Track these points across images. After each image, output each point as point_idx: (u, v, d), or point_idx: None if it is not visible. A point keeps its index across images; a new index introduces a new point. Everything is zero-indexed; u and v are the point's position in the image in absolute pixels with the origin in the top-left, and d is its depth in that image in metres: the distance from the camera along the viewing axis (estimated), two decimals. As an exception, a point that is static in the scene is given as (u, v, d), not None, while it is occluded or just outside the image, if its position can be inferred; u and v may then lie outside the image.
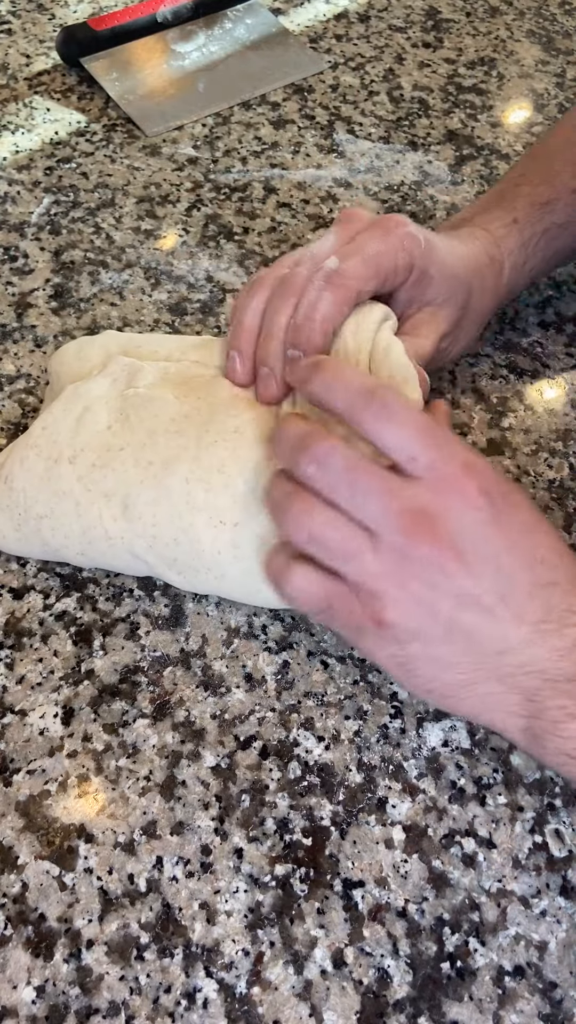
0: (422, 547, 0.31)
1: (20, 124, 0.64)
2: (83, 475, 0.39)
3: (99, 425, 0.40)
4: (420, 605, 0.32)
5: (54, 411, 0.41)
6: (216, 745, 0.38)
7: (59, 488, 0.39)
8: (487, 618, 0.32)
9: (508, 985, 0.33)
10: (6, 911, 0.33)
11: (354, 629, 0.34)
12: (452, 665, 0.33)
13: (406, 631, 0.32)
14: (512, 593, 0.32)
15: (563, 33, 0.77)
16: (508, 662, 0.32)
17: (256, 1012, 0.32)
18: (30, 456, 0.40)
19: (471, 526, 0.32)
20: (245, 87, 0.68)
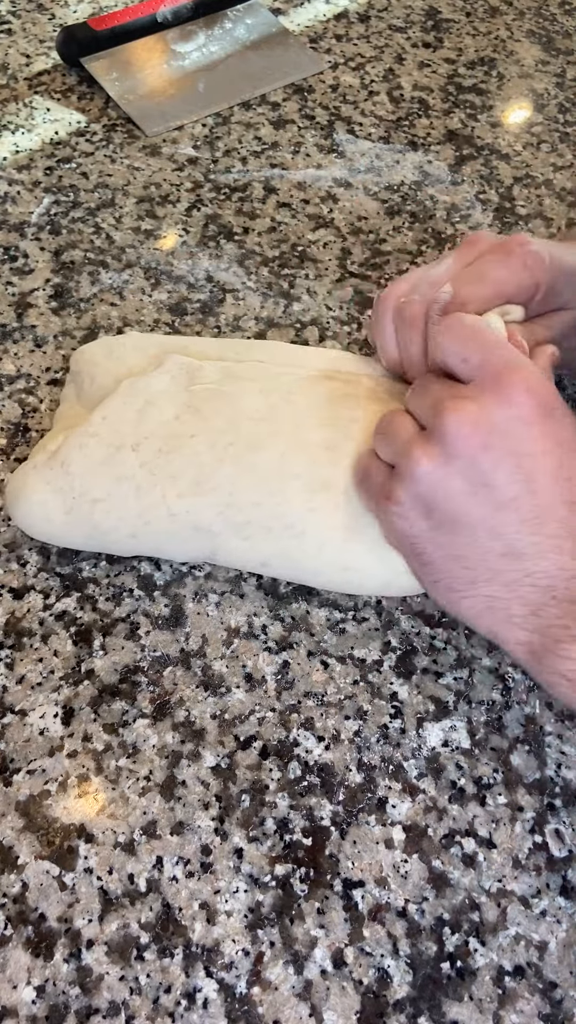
0: (447, 421, 0.32)
1: (20, 124, 0.64)
2: (147, 461, 0.40)
3: (165, 416, 0.41)
4: (432, 480, 0.33)
5: (113, 404, 0.41)
6: (216, 745, 0.38)
7: (120, 473, 0.40)
8: (495, 512, 0.32)
9: (508, 985, 0.33)
10: (6, 911, 0.33)
11: (376, 500, 0.36)
12: (457, 558, 0.33)
13: (415, 507, 0.34)
14: (528, 497, 0.32)
15: (563, 33, 0.77)
16: (514, 567, 0.32)
17: (256, 1012, 0.32)
18: (90, 443, 0.40)
19: (504, 418, 0.32)
20: (245, 87, 0.68)
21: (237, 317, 0.53)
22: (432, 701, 0.39)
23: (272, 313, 0.53)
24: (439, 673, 0.40)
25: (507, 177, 0.64)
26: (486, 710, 0.39)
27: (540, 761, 0.38)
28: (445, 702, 0.39)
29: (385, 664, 0.40)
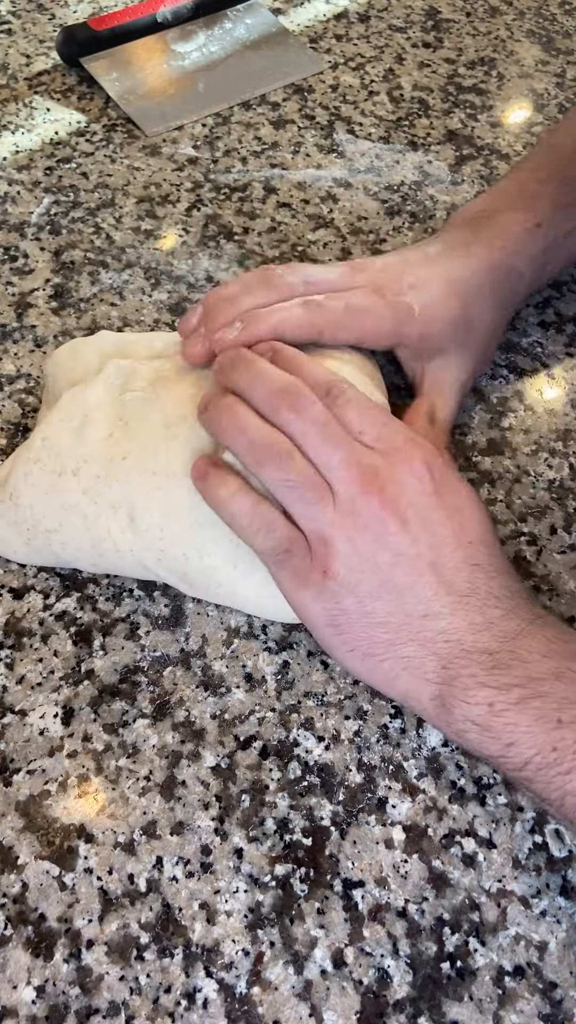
0: (372, 503, 0.35)
1: (20, 124, 0.64)
2: (88, 487, 0.39)
3: (100, 433, 0.39)
4: (363, 559, 0.35)
5: (52, 421, 0.40)
6: (216, 745, 0.38)
7: (65, 501, 0.39)
8: (418, 579, 0.34)
9: (508, 985, 0.33)
10: (6, 911, 0.33)
11: (301, 579, 0.36)
12: (380, 624, 0.35)
13: (346, 583, 0.35)
14: (443, 562, 0.35)
15: (563, 33, 0.77)
16: (430, 627, 0.34)
17: (256, 1012, 0.32)
18: (34, 471, 0.40)
19: (413, 494, 0.35)
20: (245, 87, 0.68)
21: (237, 317, 0.53)
22: (432, 701, 0.39)
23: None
24: (439, 673, 0.40)
25: (507, 177, 0.64)
26: (486, 710, 0.39)
27: (540, 761, 0.38)
28: (445, 702, 0.39)
29: (385, 664, 0.40)
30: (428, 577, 0.34)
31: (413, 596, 0.35)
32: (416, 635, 0.34)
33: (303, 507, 0.35)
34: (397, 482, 0.35)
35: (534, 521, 0.46)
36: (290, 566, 0.36)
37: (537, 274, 0.48)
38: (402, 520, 0.35)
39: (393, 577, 0.35)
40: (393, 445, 0.36)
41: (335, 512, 0.35)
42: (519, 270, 0.46)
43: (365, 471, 0.35)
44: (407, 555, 0.35)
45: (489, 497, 0.46)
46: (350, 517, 0.35)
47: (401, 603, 0.35)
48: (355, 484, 0.35)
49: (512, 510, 0.46)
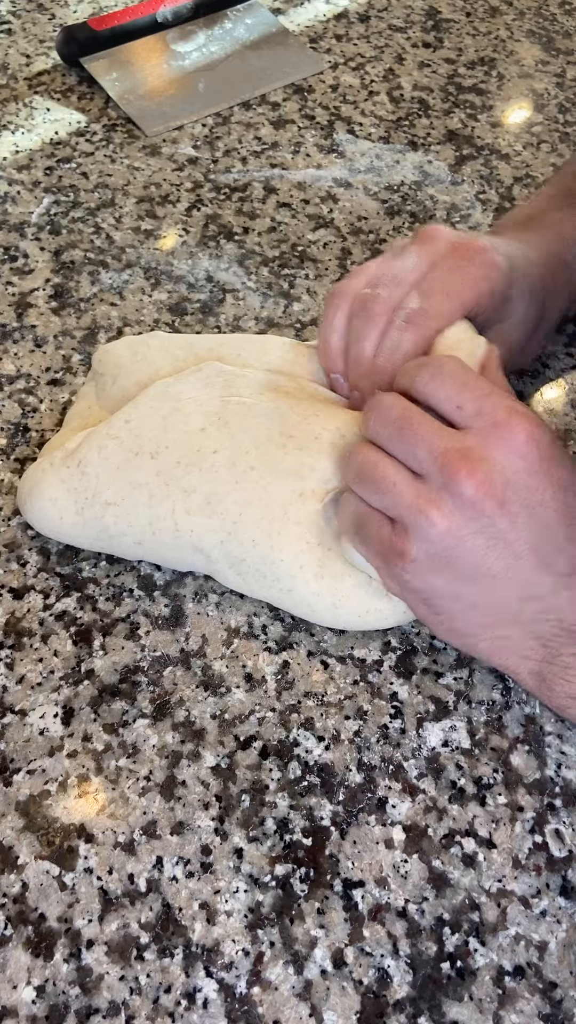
0: (464, 483, 0.32)
1: (20, 124, 0.64)
2: (163, 470, 0.39)
3: (190, 426, 0.40)
4: (450, 541, 0.33)
5: (139, 406, 0.41)
6: (216, 745, 0.38)
7: (135, 479, 0.39)
8: (516, 564, 0.33)
9: (508, 985, 0.33)
10: (6, 911, 0.33)
11: (383, 556, 0.35)
12: (474, 606, 0.34)
13: (429, 566, 0.33)
14: (544, 544, 0.33)
15: (563, 33, 0.77)
16: (529, 608, 0.34)
17: (256, 1012, 0.32)
18: (109, 446, 0.40)
19: (513, 472, 0.33)
20: (245, 87, 0.68)
21: (237, 317, 0.53)
22: (432, 701, 0.39)
23: (272, 313, 0.53)
24: (439, 673, 0.40)
25: (507, 177, 0.63)
26: (486, 710, 0.39)
27: (540, 761, 0.38)
28: (445, 702, 0.39)
29: (385, 664, 0.40)
30: (527, 560, 0.33)
31: (510, 580, 0.33)
32: (515, 617, 0.34)
33: (378, 497, 0.35)
34: (493, 461, 0.32)
35: (534, 521, 0.46)
36: (369, 539, 0.35)
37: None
38: (500, 502, 0.32)
39: (487, 562, 0.33)
40: (494, 420, 0.33)
41: (416, 495, 0.33)
42: (570, 264, 0.46)
43: (452, 453, 0.33)
44: (505, 539, 0.33)
45: (489, 497, 0.46)
46: (437, 501, 0.33)
47: (497, 587, 0.33)
48: (443, 468, 0.33)
49: (512, 510, 0.46)
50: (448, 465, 0.33)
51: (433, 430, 0.34)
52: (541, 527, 0.33)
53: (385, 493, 0.34)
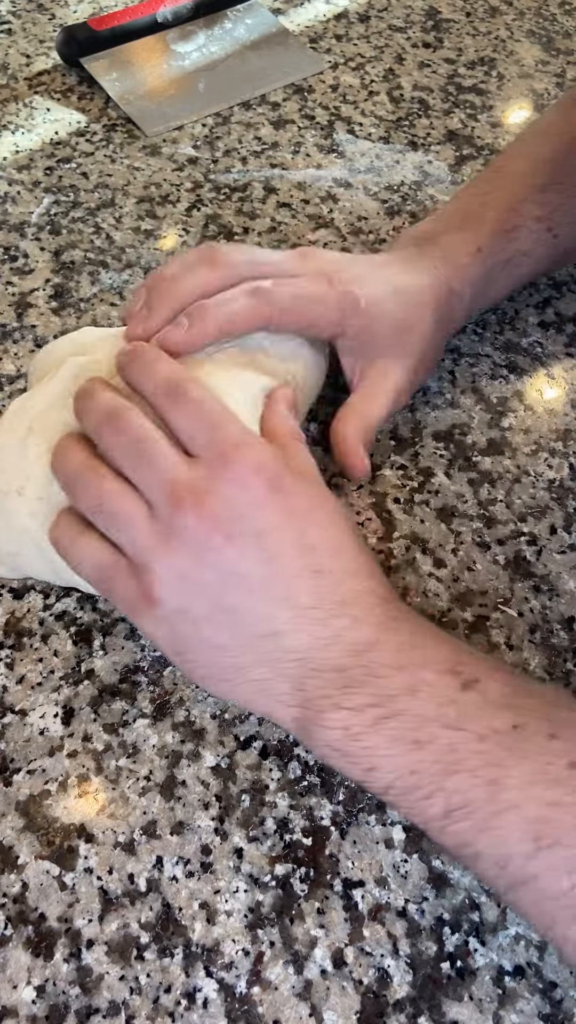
0: (188, 519, 0.32)
1: (20, 124, 0.64)
2: (35, 511, 0.36)
3: (41, 448, 0.36)
4: (185, 580, 0.32)
5: (1, 432, 0.38)
6: (216, 745, 0.38)
7: (16, 525, 0.37)
8: (252, 597, 0.32)
9: (508, 985, 0.33)
10: (6, 911, 0.33)
11: (131, 606, 0.34)
12: (222, 648, 0.33)
13: (174, 608, 0.33)
14: (277, 574, 0.32)
15: (563, 33, 0.77)
16: (272, 646, 0.32)
17: (256, 1012, 0.32)
18: None
19: (239, 504, 0.32)
20: (245, 87, 0.68)
21: (237, 317, 0.53)
22: (432, 701, 0.39)
23: (272, 313, 0.53)
24: (439, 673, 0.40)
25: (507, 177, 0.63)
26: (486, 710, 0.39)
27: (540, 761, 0.38)
28: (445, 702, 0.39)
29: (385, 664, 0.40)
30: (262, 593, 0.32)
31: (250, 615, 0.32)
32: (262, 657, 0.32)
33: (116, 532, 0.33)
34: (220, 493, 0.32)
35: (534, 521, 0.46)
36: (116, 594, 0.34)
37: (476, 298, 0.47)
38: (226, 535, 0.32)
39: (223, 597, 0.32)
40: (221, 451, 0.33)
41: (151, 534, 0.32)
42: (459, 292, 0.46)
43: (180, 485, 0.32)
44: (236, 572, 0.32)
45: (489, 497, 0.46)
46: (167, 537, 0.32)
47: (238, 624, 0.32)
48: (170, 501, 0.32)
49: (512, 510, 0.46)
50: (173, 499, 0.32)
51: (166, 457, 0.33)
52: (272, 558, 0.32)
53: (123, 530, 0.33)
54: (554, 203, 0.47)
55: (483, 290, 0.47)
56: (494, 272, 0.47)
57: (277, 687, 0.33)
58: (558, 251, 0.49)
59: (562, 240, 0.48)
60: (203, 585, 0.32)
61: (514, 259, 0.48)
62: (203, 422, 0.34)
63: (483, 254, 0.46)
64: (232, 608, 0.32)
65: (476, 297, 0.47)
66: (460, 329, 0.50)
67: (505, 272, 0.48)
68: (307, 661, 0.32)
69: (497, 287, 0.49)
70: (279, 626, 0.32)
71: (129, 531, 0.33)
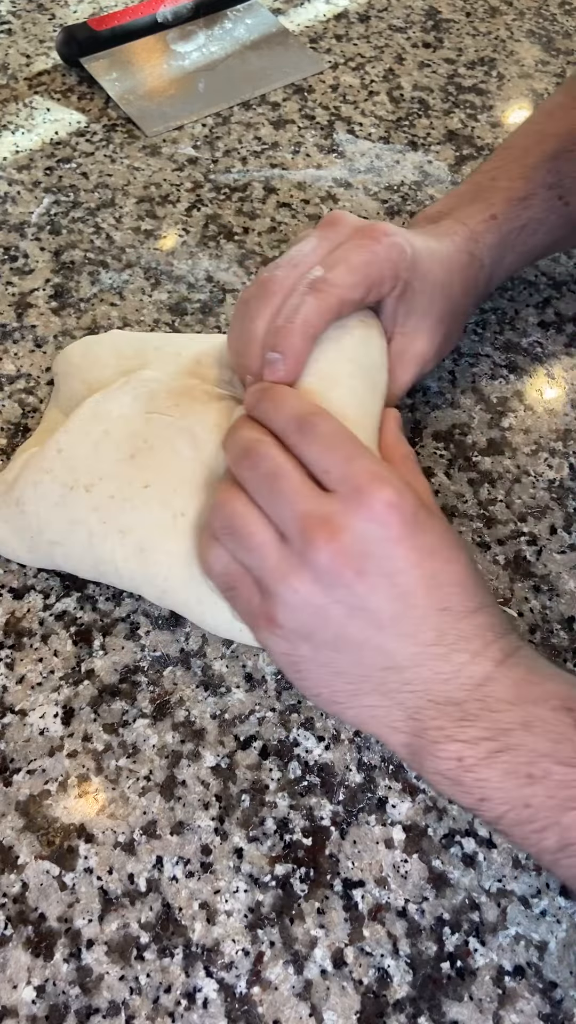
0: (321, 552, 0.32)
1: (20, 124, 0.64)
2: (99, 506, 0.38)
3: (120, 452, 0.38)
4: (312, 609, 0.32)
5: (71, 430, 0.39)
6: (216, 745, 0.38)
7: (73, 516, 0.38)
8: (377, 632, 0.32)
9: (508, 985, 0.33)
10: (6, 911, 0.33)
11: (251, 619, 0.35)
12: (339, 673, 0.33)
13: (296, 632, 0.33)
14: (406, 612, 0.32)
15: (563, 33, 0.77)
16: (393, 678, 0.33)
17: (256, 1012, 0.32)
18: (44, 480, 0.39)
19: (373, 540, 0.32)
20: (245, 87, 0.68)
21: (237, 317, 0.53)
22: (432, 701, 0.39)
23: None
24: (439, 673, 0.40)
25: (507, 177, 0.63)
26: (486, 710, 0.39)
27: (540, 761, 0.38)
28: (445, 702, 0.39)
29: (385, 664, 0.40)
30: (389, 630, 0.32)
31: (372, 649, 0.33)
32: (379, 686, 0.33)
33: (244, 554, 0.34)
34: (353, 529, 0.32)
35: (534, 521, 0.46)
36: (238, 604, 0.35)
37: (495, 266, 0.47)
38: (357, 570, 0.32)
39: (348, 631, 0.32)
40: (356, 486, 0.33)
41: (280, 560, 0.33)
42: (479, 258, 0.46)
43: (314, 518, 0.32)
44: (365, 608, 0.32)
45: (489, 497, 0.46)
46: (297, 567, 0.32)
47: (360, 656, 0.33)
48: (303, 533, 0.32)
49: (512, 510, 0.46)
50: (307, 531, 0.32)
51: (299, 491, 0.33)
52: (402, 595, 0.32)
53: (251, 552, 0.34)
54: (564, 171, 0.48)
55: (500, 257, 0.47)
56: (510, 239, 0.47)
57: (391, 714, 0.33)
58: (571, 220, 0.49)
59: (573, 208, 0.48)
60: (329, 616, 0.32)
61: (528, 226, 0.48)
62: (335, 455, 0.34)
63: (498, 221, 0.47)
64: (356, 640, 0.33)
65: (495, 265, 0.47)
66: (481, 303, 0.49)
67: (520, 240, 0.48)
68: (425, 693, 0.32)
69: (513, 256, 0.48)
70: (401, 660, 0.33)
71: (255, 555, 0.33)
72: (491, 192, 0.48)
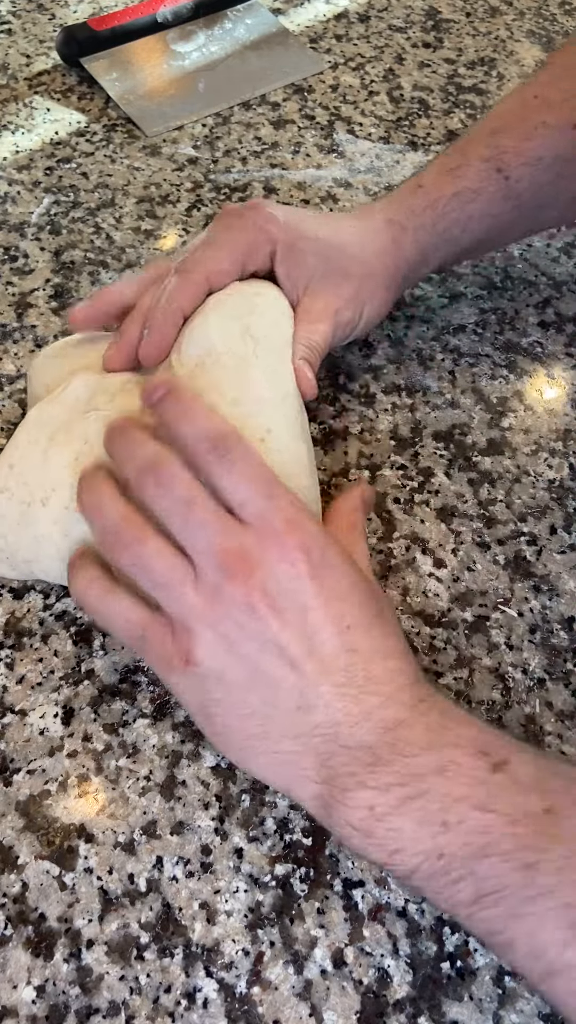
0: (236, 587, 0.32)
1: (20, 124, 0.64)
2: (58, 518, 0.37)
3: (65, 458, 0.37)
4: (227, 646, 0.32)
5: (19, 443, 0.39)
6: (216, 745, 0.38)
7: (37, 533, 0.38)
8: (290, 670, 0.32)
9: (508, 985, 0.33)
10: (6, 911, 0.33)
11: (165, 663, 0.33)
12: (250, 715, 0.33)
13: (211, 671, 0.32)
14: (318, 651, 0.32)
15: (563, 33, 0.77)
16: (305, 720, 0.32)
17: (256, 1012, 0.32)
18: (1, 502, 0.38)
19: (285, 579, 0.32)
20: (245, 87, 0.68)
21: (237, 317, 0.53)
22: (432, 701, 0.39)
23: (272, 313, 0.53)
24: (439, 673, 0.40)
25: (507, 177, 0.63)
26: (486, 710, 0.39)
27: (540, 761, 0.38)
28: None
29: (385, 664, 0.40)
30: (301, 667, 0.32)
31: (285, 688, 0.32)
32: (290, 729, 0.32)
33: (160, 591, 0.33)
34: (269, 566, 0.32)
35: (534, 521, 0.46)
36: (150, 651, 0.34)
37: (422, 230, 0.47)
38: (271, 607, 0.32)
39: (262, 667, 0.32)
40: (273, 526, 0.33)
41: (196, 596, 0.32)
42: (399, 222, 0.46)
43: (231, 554, 0.32)
44: (277, 644, 0.32)
45: (489, 497, 0.46)
46: (213, 603, 0.32)
47: (273, 695, 0.32)
48: (220, 568, 0.32)
49: (512, 510, 0.46)
50: (225, 567, 0.32)
51: (215, 523, 0.33)
52: (313, 633, 0.32)
53: (166, 589, 0.33)
54: (503, 145, 0.48)
55: (430, 222, 0.47)
56: (439, 204, 0.47)
57: (302, 761, 0.32)
58: (513, 193, 0.48)
59: (515, 183, 0.47)
60: (243, 653, 0.32)
61: (462, 194, 0.47)
62: (253, 490, 0.33)
63: (424, 188, 0.47)
64: (268, 677, 0.32)
65: (423, 229, 0.47)
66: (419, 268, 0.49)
67: (454, 206, 0.47)
68: (336, 738, 0.32)
69: (448, 222, 0.47)
70: (312, 699, 0.32)
71: (172, 592, 0.33)
72: (426, 168, 0.49)
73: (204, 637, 0.32)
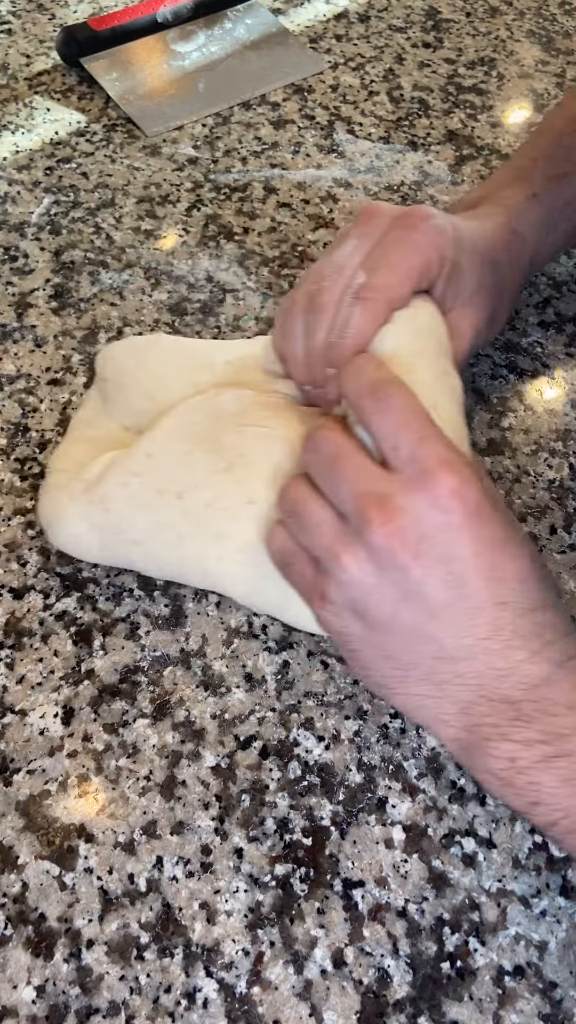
0: (378, 532, 0.31)
1: (20, 124, 0.64)
2: (193, 512, 0.38)
3: (216, 465, 0.38)
4: (363, 588, 0.32)
5: (158, 439, 0.39)
6: (216, 745, 0.38)
7: (162, 520, 0.38)
8: (429, 619, 0.32)
9: (508, 985, 0.33)
10: (6, 911, 0.33)
11: (307, 594, 0.35)
12: (389, 657, 0.33)
13: (347, 609, 0.33)
14: (460, 603, 0.32)
15: (563, 33, 0.77)
16: (445, 669, 0.32)
17: (256, 1012, 0.32)
18: (133, 483, 0.39)
19: (433, 526, 0.31)
20: (245, 87, 0.68)
21: (237, 317, 0.53)
22: (432, 701, 0.39)
23: (272, 313, 0.53)
24: (439, 673, 0.40)
25: (507, 177, 0.63)
26: (486, 710, 0.39)
27: (540, 761, 0.38)
28: (445, 702, 0.39)
29: (385, 664, 0.40)
30: (442, 619, 0.31)
31: (423, 637, 0.32)
32: (429, 675, 0.32)
33: (302, 533, 0.34)
34: (413, 511, 0.31)
35: (534, 521, 0.46)
36: (293, 577, 0.35)
37: (539, 244, 0.47)
38: (414, 554, 0.31)
39: (400, 614, 0.32)
40: (424, 468, 0.32)
41: (335, 537, 0.33)
42: (521, 234, 0.46)
43: (373, 499, 0.32)
44: (418, 593, 0.31)
45: (489, 497, 0.46)
46: (350, 545, 0.32)
47: (411, 642, 0.32)
48: (361, 513, 0.32)
49: (512, 510, 0.46)
50: (363, 510, 0.32)
51: (359, 470, 0.33)
52: (457, 584, 0.31)
53: (307, 531, 0.34)
54: None
55: (544, 235, 0.47)
56: (552, 216, 0.47)
57: (441, 706, 0.32)
58: None
59: None
60: (381, 597, 0.32)
61: (571, 203, 0.48)
62: (407, 433, 0.32)
63: (538, 198, 0.47)
64: (407, 625, 0.32)
65: (538, 243, 0.47)
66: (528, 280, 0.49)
67: (563, 216, 0.48)
68: (478, 688, 0.32)
69: (557, 234, 0.48)
70: (453, 651, 0.32)
71: (313, 532, 0.34)
72: (529, 173, 0.48)
73: (338, 578, 0.33)
